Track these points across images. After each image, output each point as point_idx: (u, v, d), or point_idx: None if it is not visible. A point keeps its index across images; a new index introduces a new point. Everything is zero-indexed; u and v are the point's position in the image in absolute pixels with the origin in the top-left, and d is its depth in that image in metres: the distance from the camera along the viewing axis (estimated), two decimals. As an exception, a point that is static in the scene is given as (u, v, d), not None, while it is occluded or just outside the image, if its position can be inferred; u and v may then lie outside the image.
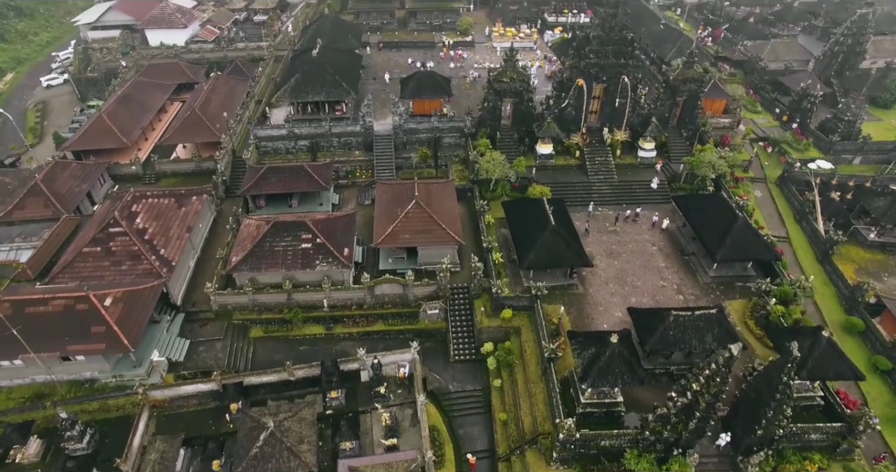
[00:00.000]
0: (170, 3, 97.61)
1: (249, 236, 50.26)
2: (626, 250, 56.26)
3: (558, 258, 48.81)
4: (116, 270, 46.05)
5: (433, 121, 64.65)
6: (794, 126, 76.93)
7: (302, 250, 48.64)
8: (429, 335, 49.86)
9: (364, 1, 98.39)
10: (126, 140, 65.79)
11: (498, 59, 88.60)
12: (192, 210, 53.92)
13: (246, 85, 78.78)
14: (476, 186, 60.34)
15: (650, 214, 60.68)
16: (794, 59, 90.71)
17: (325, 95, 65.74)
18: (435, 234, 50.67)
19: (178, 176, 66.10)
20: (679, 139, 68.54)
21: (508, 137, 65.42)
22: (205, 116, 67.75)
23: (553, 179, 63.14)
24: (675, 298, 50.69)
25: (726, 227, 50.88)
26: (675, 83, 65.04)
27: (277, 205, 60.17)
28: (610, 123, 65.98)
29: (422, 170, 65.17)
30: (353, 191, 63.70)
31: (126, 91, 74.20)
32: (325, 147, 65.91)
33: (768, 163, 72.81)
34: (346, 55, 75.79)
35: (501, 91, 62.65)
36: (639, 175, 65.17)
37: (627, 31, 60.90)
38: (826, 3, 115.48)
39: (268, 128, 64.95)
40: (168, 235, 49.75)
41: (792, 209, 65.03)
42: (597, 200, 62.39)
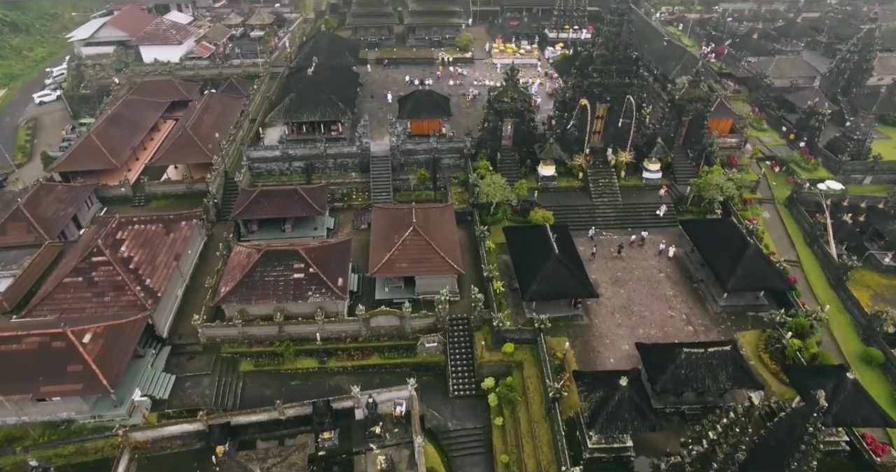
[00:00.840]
0: (165, 20, 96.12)
1: (240, 264, 48.09)
2: (633, 278, 54.11)
3: (562, 289, 46.64)
4: (99, 301, 43.82)
5: (432, 141, 62.71)
6: (801, 145, 75.07)
7: (294, 280, 46.44)
8: (427, 369, 47.55)
9: (362, 16, 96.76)
10: (115, 161, 63.83)
11: (498, 76, 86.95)
12: (181, 236, 51.78)
13: (240, 103, 76.92)
14: (476, 209, 58.27)
15: (657, 238, 58.68)
16: (800, 76, 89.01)
17: (320, 115, 63.90)
18: (433, 263, 48.51)
19: (168, 198, 64.05)
20: (685, 160, 66.60)
21: (509, 158, 63.48)
22: (197, 137, 65.83)
23: (556, 201, 61.14)
24: (684, 329, 48.49)
25: (737, 254, 48.79)
26: (681, 103, 63.17)
27: (270, 229, 58.07)
28: (614, 144, 64.10)
29: (420, 192, 63.16)
30: (349, 214, 61.62)
31: (117, 110, 72.33)
32: (320, 168, 63.88)
33: (776, 183, 70.76)
34: (343, 73, 74.06)
35: (502, 111, 60.80)
36: (644, 197, 63.21)
37: (632, 50, 59.02)
38: (829, 19, 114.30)
39: (261, 149, 62.96)
40: (155, 263, 47.57)
41: (802, 232, 62.92)
42: (601, 224, 60.41)
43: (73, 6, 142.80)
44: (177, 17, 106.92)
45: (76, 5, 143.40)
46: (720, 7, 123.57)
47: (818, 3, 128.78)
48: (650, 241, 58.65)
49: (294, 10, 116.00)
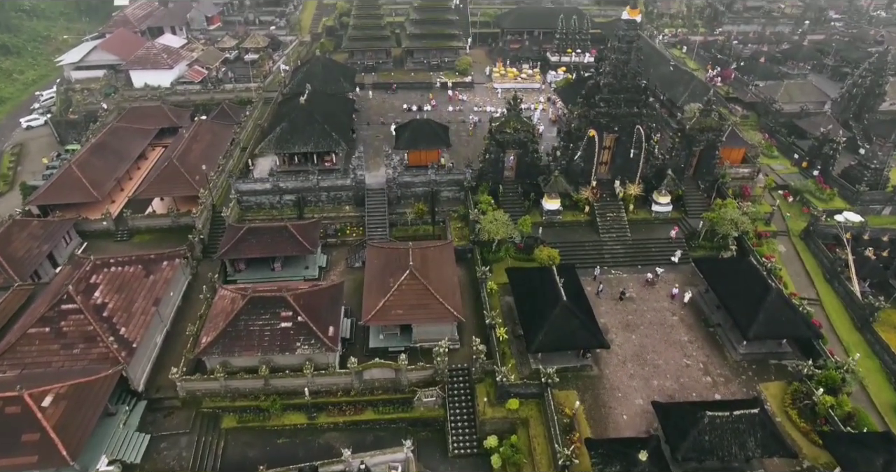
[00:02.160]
0: (156, 44, 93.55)
1: (223, 311, 44.61)
2: (644, 321, 50.60)
3: (571, 340, 43.11)
4: (67, 354, 40.21)
5: (430, 174, 59.56)
6: (815, 173, 72.05)
7: (281, 330, 42.91)
8: (424, 424, 43.87)
9: (359, 40, 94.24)
10: (97, 194, 60.59)
11: (499, 101, 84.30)
12: (162, 278, 48.31)
13: (231, 131, 73.93)
14: (477, 246, 54.94)
15: (669, 277, 55.36)
16: (810, 101, 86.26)
17: (313, 146, 60.84)
18: (431, 309, 45.03)
19: (153, 232, 60.74)
20: (696, 192, 63.46)
21: (512, 191, 60.31)
22: (184, 167, 62.67)
23: (561, 237, 57.85)
24: (701, 380, 44.89)
25: (758, 299, 45.36)
26: (692, 132, 60.18)
27: (259, 268, 54.69)
28: (621, 175, 61.01)
29: (417, 227, 59.86)
30: (342, 251, 58.24)
31: (102, 139, 69.25)
32: (312, 202, 60.66)
33: (790, 213, 67.50)
34: (338, 100, 71.11)
35: (504, 142, 57.73)
36: (654, 232, 59.96)
37: (640, 78, 56.14)
38: (835, 41, 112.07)
39: (250, 181, 59.81)
40: (131, 310, 44.04)
41: (821, 267, 59.48)
42: (609, 262, 57.04)
43: (66, 29, 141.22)
44: (170, 40, 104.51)
45: (70, 28, 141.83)
46: (723, 29, 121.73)
47: (822, 25, 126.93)
48: (663, 279, 55.27)
49: (290, 32, 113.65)
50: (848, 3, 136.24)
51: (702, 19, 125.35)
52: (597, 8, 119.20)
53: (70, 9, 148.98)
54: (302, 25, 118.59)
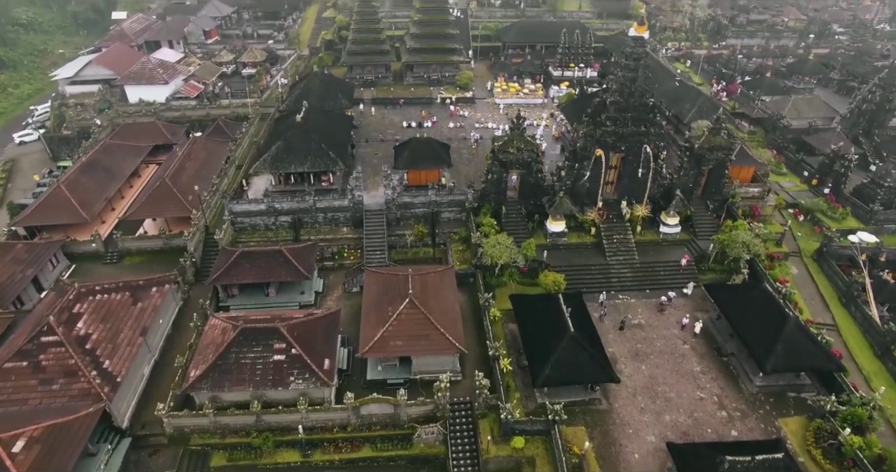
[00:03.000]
0: (151, 58, 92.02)
1: (213, 342, 42.40)
2: (654, 350, 48.36)
3: (579, 374, 40.90)
4: (45, 390, 37.96)
5: (430, 194, 57.55)
6: (825, 191, 70.08)
7: (274, 363, 40.68)
8: (425, 462, 41.48)
9: (358, 54, 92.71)
10: (86, 215, 58.53)
11: (501, 117, 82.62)
12: (150, 306, 46.21)
13: (226, 148, 72.02)
14: (479, 271, 52.81)
15: (679, 302, 53.26)
16: (818, 117, 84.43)
17: (309, 166, 58.90)
18: (432, 340, 42.83)
19: (144, 254, 58.66)
20: (705, 212, 61.43)
21: (515, 212, 58.28)
22: (176, 187, 60.68)
23: (566, 260, 55.77)
24: (716, 414, 42.58)
25: (775, 330, 43.15)
26: (701, 152, 58.25)
27: (253, 293, 52.53)
28: (628, 196, 59.03)
29: (417, 249, 57.81)
30: (339, 275, 56.09)
31: (93, 157, 67.29)
32: (308, 223, 58.63)
33: (801, 233, 65.34)
34: (335, 118, 69.24)
35: (507, 162, 55.78)
36: (662, 255, 57.88)
37: (648, 96, 54.28)
38: (841, 55, 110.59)
39: (244, 202, 57.79)
40: (116, 341, 41.88)
41: (835, 290, 57.25)
42: (616, 286, 54.95)
43: (63, 42, 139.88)
44: (166, 54, 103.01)
45: (67, 41, 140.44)
46: (727, 43, 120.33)
47: (826, 38, 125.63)
48: (673, 304, 53.14)
49: (288, 46, 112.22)
50: (851, 17, 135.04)
51: (705, 33, 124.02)
52: (599, 22, 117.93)
53: (68, 22, 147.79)
54: (300, 39, 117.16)
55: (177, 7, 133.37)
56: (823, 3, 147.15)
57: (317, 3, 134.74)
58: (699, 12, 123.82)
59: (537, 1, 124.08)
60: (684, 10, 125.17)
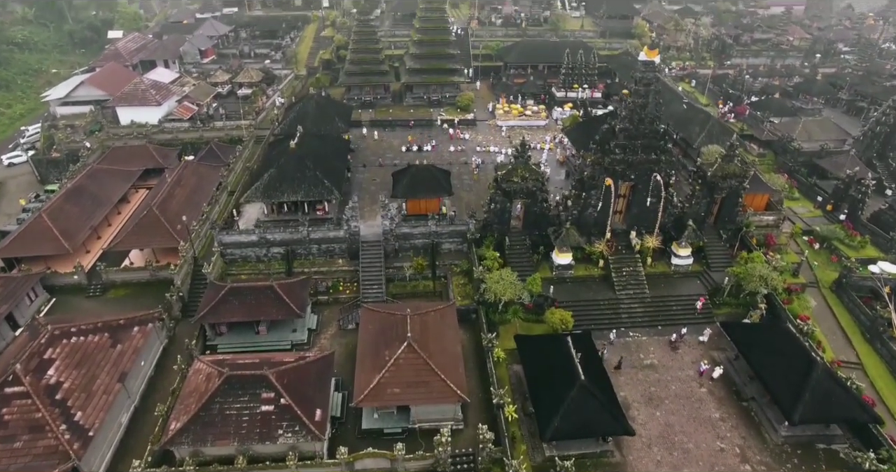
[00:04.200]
0: (144, 79, 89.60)
1: (196, 390, 39.34)
2: (669, 394, 45.28)
3: (590, 426, 37.77)
4: (6, 449, 34.69)
5: (430, 225, 54.77)
6: (841, 218, 67.37)
7: (261, 414, 37.60)
8: (424, 520, 38.39)
9: (356, 75, 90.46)
10: (68, 245, 55.70)
11: (503, 140, 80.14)
12: (131, 348, 43.26)
13: (218, 174, 69.36)
14: (482, 307, 49.84)
15: (693, 339, 50.29)
16: (829, 139, 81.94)
17: (303, 195, 56.18)
18: (432, 388, 39.74)
19: (129, 286, 55.83)
20: (718, 241, 58.64)
21: (519, 244, 55.47)
22: (165, 216, 57.91)
23: (574, 295, 52.90)
24: (739, 469, 39.45)
25: (801, 376, 40.19)
26: (714, 180, 55.61)
27: (242, 331, 49.55)
28: (637, 225, 56.30)
29: (416, 282, 54.90)
30: (334, 310, 53.10)
31: (79, 182, 64.57)
32: (302, 255, 55.80)
33: (817, 262, 62.49)
34: (332, 143, 66.62)
35: (511, 192, 53.07)
36: (674, 288, 55.01)
37: (659, 123, 51.73)
38: (850, 75, 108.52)
39: (234, 233, 54.98)
40: (91, 389, 38.86)
41: (858, 325, 54.26)
42: (626, 322, 52.00)
43: (59, 61, 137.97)
44: (161, 74, 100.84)
45: (63, 61, 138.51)
46: (732, 62, 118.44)
47: (833, 58, 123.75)
48: (687, 342, 50.19)
49: (286, 65, 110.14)
50: (856, 36, 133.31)
51: (709, 52, 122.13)
52: (602, 41, 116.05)
53: (64, 41, 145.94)
54: (298, 58, 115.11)
55: (174, 26, 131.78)
56: (827, 23, 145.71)
57: (315, 21, 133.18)
58: (703, 31, 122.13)
59: (539, 20, 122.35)
60: (688, 28, 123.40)
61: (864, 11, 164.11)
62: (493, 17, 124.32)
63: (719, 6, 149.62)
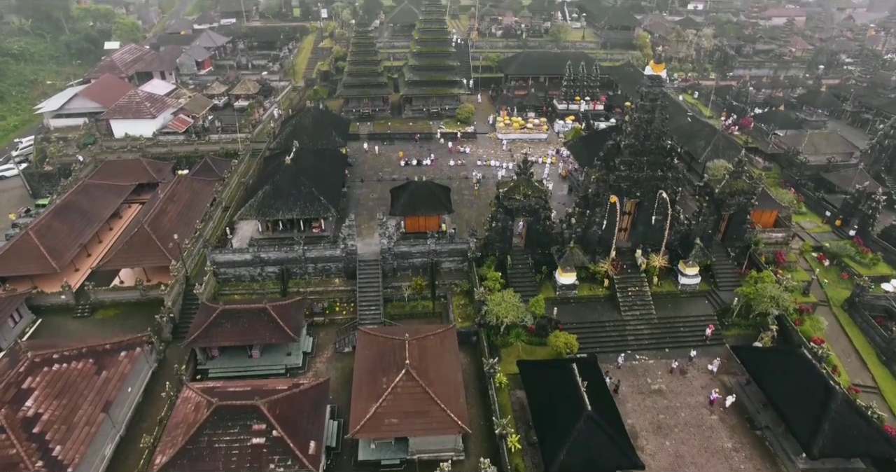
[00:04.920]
0: (139, 92, 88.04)
1: (184, 421, 37.46)
2: (679, 422, 43.44)
3: (598, 460, 35.77)
4: (-20, 487, 33.05)
5: (430, 243, 53.04)
6: (851, 233, 65.72)
7: (252, 447, 35.68)
8: (423, 560, 36.46)
9: (354, 87, 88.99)
10: (56, 264, 53.88)
11: (504, 153, 78.61)
12: (117, 374, 41.41)
13: (212, 189, 67.61)
14: (483, 329, 48.05)
15: (702, 363, 48.50)
16: (836, 153, 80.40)
17: (299, 212, 54.50)
18: (432, 418, 37.85)
19: (118, 306, 54.09)
20: (725, 259, 56.96)
21: (521, 263, 53.73)
22: (156, 234, 56.12)
23: (578, 316, 51.15)
24: (755, 503, 37.61)
25: (818, 405, 38.39)
26: (722, 196, 54.00)
27: (234, 355, 47.72)
28: (643, 243, 54.63)
29: (415, 303, 53.10)
30: (330, 332, 51.30)
31: (69, 198, 62.88)
32: (298, 274, 54.05)
33: (828, 280, 60.78)
34: (328, 158, 64.95)
35: (513, 210, 51.40)
36: (682, 308, 53.29)
37: (666, 138, 50.16)
38: (854, 87, 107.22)
39: (228, 252, 53.25)
40: (72, 420, 36.97)
41: (872, 346, 52.46)
42: (633, 345, 50.23)
43: (55, 72, 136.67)
44: (157, 85, 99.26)
45: (59, 72, 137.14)
46: (735, 73, 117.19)
47: (836, 69, 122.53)
48: (696, 365, 48.38)
49: (283, 77, 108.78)
50: (859, 47, 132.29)
51: (711, 63, 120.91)
52: (603, 52, 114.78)
53: (60, 52, 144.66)
54: (296, 70, 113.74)
55: (171, 37, 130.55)
56: (829, 34, 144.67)
57: (314, 32, 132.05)
58: (705, 42, 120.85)
59: (539, 31, 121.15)
60: (689, 39, 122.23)
61: (864, 23, 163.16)
62: (493, 28, 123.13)
63: (720, 17, 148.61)
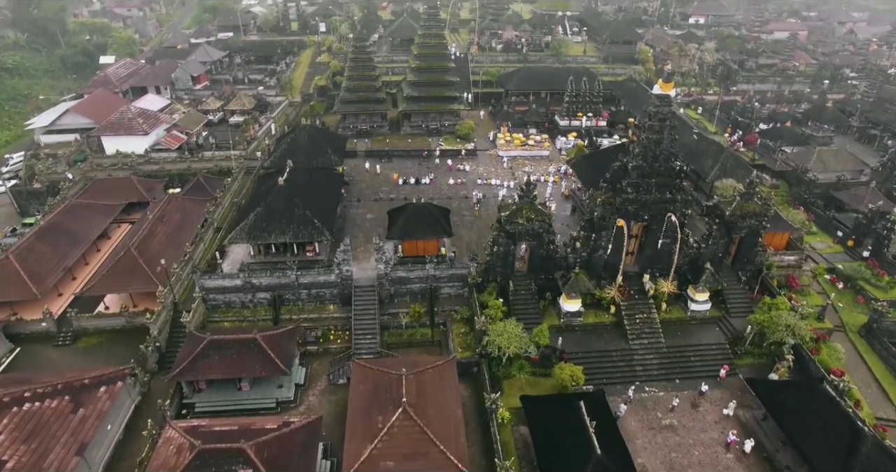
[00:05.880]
0: (131, 107, 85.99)
1: (165, 464, 34.91)
2: (692, 461, 40.93)
3: (611, 509, 33.43)
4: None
5: (428, 268, 50.76)
6: (865, 255, 63.56)
7: (235, 495, 33.23)
8: None
9: (351, 103, 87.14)
10: (37, 290, 51.42)
11: (505, 172, 76.56)
12: (95, 412, 38.89)
13: (204, 209, 65.31)
14: (484, 359, 45.64)
15: (715, 395, 46.05)
16: (846, 170, 78.39)
17: (291, 236, 52.23)
18: (430, 460, 35.35)
19: (103, 333, 51.64)
20: (737, 284, 54.72)
21: (524, 288, 51.43)
22: (143, 257, 53.78)
23: (584, 345, 48.86)
24: (778, 554, 35.03)
25: (846, 447, 36.02)
26: (733, 219, 51.84)
27: (222, 387, 45.23)
28: (650, 267, 52.38)
29: (413, 330, 50.70)
30: (324, 361, 48.81)
31: (54, 219, 60.57)
32: (290, 300, 51.73)
33: (842, 304, 58.51)
34: (323, 178, 62.78)
35: (515, 234, 49.17)
36: (691, 336, 50.99)
37: (675, 160, 48.06)
38: (861, 102, 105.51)
39: (217, 277, 50.94)
40: (42, 466, 34.37)
41: (893, 374, 50.18)
42: (641, 376, 47.84)
43: (50, 86, 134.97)
44: (151, 100, 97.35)
45: (54, 86, 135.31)
46: (739, 88, 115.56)
47: (840, 84, 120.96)
48: (708, 398, 45.92)
49: (280, 92, 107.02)
50: (863, 62, 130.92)
51: (714, 78, 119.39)
52: (605, 66, 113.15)
53: (56, 66, 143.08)
54: (293, 85, 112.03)
55: (167, 51, 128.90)
56: (831, 48, 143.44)
57: (311, 46, 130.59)
58: (707, 57, 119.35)
59: (540, 45, 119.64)
60: (692, 54, 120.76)
61: (866, 37, 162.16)
62: (493, 42, 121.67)
63: (722, 31, 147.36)
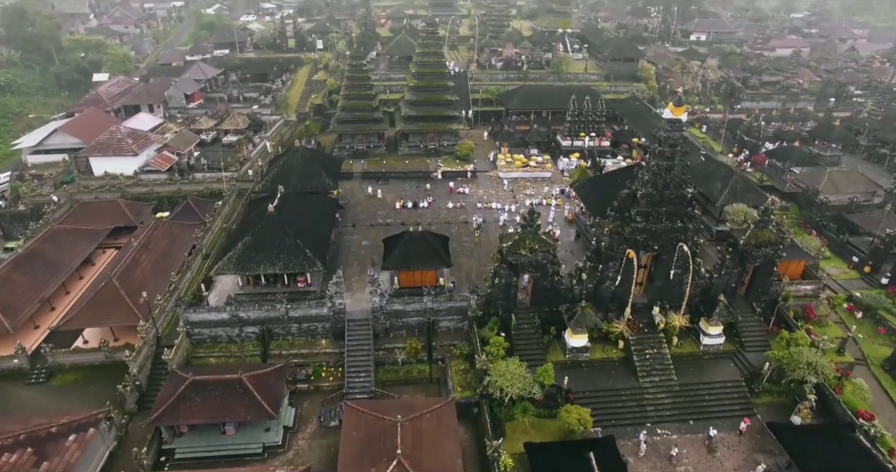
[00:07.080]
0: (121, 127, 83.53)
1: (135, 525, 31.91)
2: (712, 515, 37.88)
3: None
4: None
5: (426, 301, 47.90)
6: (884, 282, 60.91)
7: None
8: None
9: (348, 122, 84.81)
10: (9, 325, 48.64)
11: (506, 194, 73.93)
12: (61, 465, 35.81)
13: (192, 234, 62.57)
14: (485, 400, 42.65)
15: (733, 439, 43.02)
16: (858, 192, 75.88)
17: (281, 267, 49.40)
18: (427, 521, 32.42)
19: (80, 370, 48.66)
20: (752, 316, 51.80)
21: (527, 322, 48.53)
22: (126, 289, 50.93)
23: (591, 383, 45.91)
24: None
25: (880, 504, 32.91)
26: (747, 248, 49.09)
27: (205, 432, 42.16)
28: (660, 299, 49.58)
29: (410, 367, 47.76)
30: (315, 401, 45.73)
31: (33, 246, 57.84)
32: (280, 334, 48.79)
33: (862, 335, 55.74)
34: (316, 204, 59.96)
35: (518, 265, 46.39)
36: (704, 373, 48.08)
37: (686, 187, 45.45)
38: (868, 120, 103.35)
39: (203, 311, 48.06)
40: (3, 529, 31.42)
41: (920, 414, 47.26)
42: (652, 416, 44.82)
43: (42, 104, 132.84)
44: (143, 119, 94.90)
45: (46, 103, 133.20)
46: (743, 106, 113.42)
47: (845, 102, 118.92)
48: (724, 442, 42.91)
49: (275, 111, 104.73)
50: (868, 79, 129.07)
51: (718, 96, 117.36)
52: (607, 84, 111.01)
53: (49, 83, 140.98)
54: (289, 103, 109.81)
55: (161, 69, 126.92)
56: (834, 65, 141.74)
57: (308, 64, 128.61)
58: (710, 74, 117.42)
59: (541, 63, 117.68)
60: (694, 71, 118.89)
61: (868, 53, 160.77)
62: (493, 59, 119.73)
63: (724, 48, 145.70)
